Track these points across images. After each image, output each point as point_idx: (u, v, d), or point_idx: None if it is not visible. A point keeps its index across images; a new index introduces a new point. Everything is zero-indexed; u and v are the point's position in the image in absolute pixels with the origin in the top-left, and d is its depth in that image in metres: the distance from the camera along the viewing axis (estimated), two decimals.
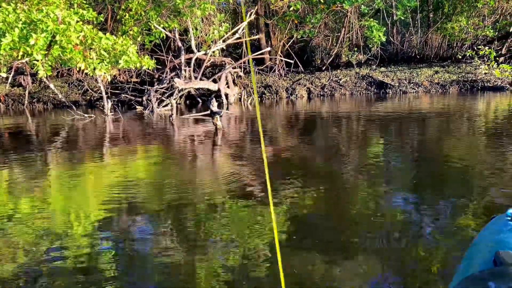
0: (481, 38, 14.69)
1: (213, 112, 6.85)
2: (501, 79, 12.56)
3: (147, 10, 10.71)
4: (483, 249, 1.15)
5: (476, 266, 1.08)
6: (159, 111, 10.03)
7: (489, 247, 1.12)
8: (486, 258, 1.07)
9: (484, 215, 3.17)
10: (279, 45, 14.64)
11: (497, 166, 4.50)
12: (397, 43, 15.30)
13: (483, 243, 1.20)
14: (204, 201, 3.70)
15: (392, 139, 6.41)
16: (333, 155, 5.43)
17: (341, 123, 8.01)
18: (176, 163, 5.22)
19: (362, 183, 4.12)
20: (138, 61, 8.46)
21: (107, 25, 12.03)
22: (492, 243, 1.14)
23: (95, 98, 11.47)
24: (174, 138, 7.14)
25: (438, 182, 4.12)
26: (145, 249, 2.79)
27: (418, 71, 13.69)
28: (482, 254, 1.12)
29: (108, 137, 7.34)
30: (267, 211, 3.34)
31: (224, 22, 12.13)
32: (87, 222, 3.28)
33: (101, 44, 7.86)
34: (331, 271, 2.43)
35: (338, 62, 14.89)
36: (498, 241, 1.14)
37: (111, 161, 5.45)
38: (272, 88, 12.76)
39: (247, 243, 2.79)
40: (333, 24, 14.99)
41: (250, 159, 5.23)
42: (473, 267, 1.08)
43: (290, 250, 2.68)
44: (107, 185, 4.33)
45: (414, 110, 9.55)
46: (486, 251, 1.11)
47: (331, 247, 2.72)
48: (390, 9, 14.61)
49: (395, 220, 3.15)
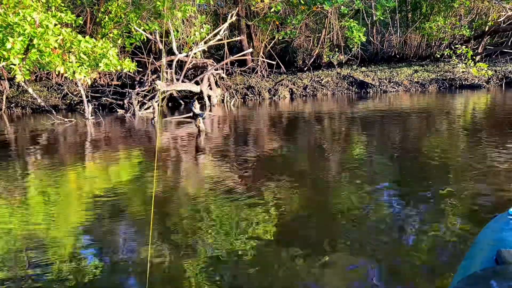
0: (458, 37, 15.00)
1: (195, 114, 6.83)
2: (478, 77, 12.85)
3: (127, 12, 10.63)
4: (484, 247, 1.16)
5: (478, 265, 1.08)
6: (141, 114, 9.95)
7: (490, 246, 1.13)
8: (488, 257, 1.08)
9: (466, 209, 3.24)
10: (261, 46, 14.67)
11: (476, 161, 4.61)
12: (377, 43, 15.51)
13: (484, 242, 1.20)
14: (187, 203, 3.69)
15: (374, 138, 6.50)
16: (317, 154, 5.47)
17: (324, 123, 8.08)
18: (158, 166, 5.18)
19: (346, 180, 4.17)
20: (119, 64, 8.38)
21: (87, 28, 11.90)
22: (493, 242, 1.15)
23: (76, 102, 11.31)
24: (156, 141, 7.09)
25: (419, 178, 4.19)
26: (128, 255, 2.77)
27: (398, 70, 13.91)
28: (483, 252, 1.13)
29: (89, 141, 7.25)
30: (252, 211, 3.35)
31: (205, 24, 12.10)
32: (68, 228, 3.24)
33: (81, 47, 7.75)
34: (315, 270, 2.45)
35: (320, 63, 15.01)
36: (499, 240, 1.15)
37: (92, 165, 5.39)
38: (254, 89, 12.78)
39: (231, 242, 2.80)
40: (314, 25, 15.11)
41: (233, 160, 5.23)
42: (475, 265, 1.09)
43: (274, 249, 2.69)
44: (89, 190, 4.28)
45: (395, 109, 9.70)
46: (488, 250, 1.12)
47: (315, 245, 2.75)
48: (369, 10, 14.80)
49: (379, 216, 3.20)
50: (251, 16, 14.37)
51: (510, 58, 14.57)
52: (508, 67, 13.74)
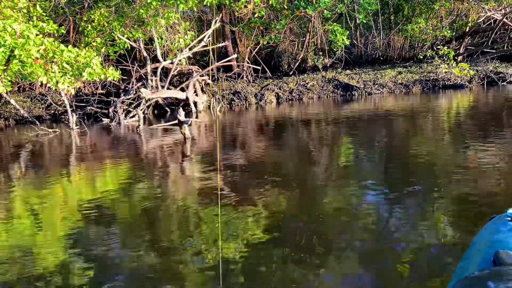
0: (440, 38, 15.23)
1: (180, 122, 6.81)
2: (460, 77, 13.06)
3: (110, 21, 10.56)
4: (482, 248, 1.16)
5: (475, 266, 1.08)
6: (126, 123, 9.88)
7: (488, 247, 1.13)
8: (486, 258, 1.08)
9: (452, 208, 3.27)
10: (246, 51, 14.71)
11: (461, 160, 4.67)
12: (361, 45, 15.66)
13: (482, 243, 1.20)
14: (174, 210, 3.67)
15: (360, 140, 6.55)
16: (305, 158, 5.49)
17: (311, 126, 8.12)
18: (144, 175, 5.15)
19: (334, 183, 4.19)
20: (103, 72, 8.32)
21: (70, 37, 11.78)
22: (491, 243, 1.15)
23: (60, 112, 11.17)
24: (142, 149, 7.05)
25: (406, 178, 4.23)
26: (116, 262, 2.74)
27: (382, 72, 14.05)
28: (481, 253, 1.13)
29: (74, 151, 7.17)
30: (239, 216, 3.35)
31: (189, 31, 12.10)
32: (55, 238, 3.19)
33: (63, 57, 7.68)
34: (306, 271, 2.45)
35: (305, 67, 15.09)
36: (497, 241, 1.15)
37: (78, 176, 5.32)
38: (241, 94, 12.79)
39: (217, 246, 2.78)
40: (298, 30, 15.21)
41: (216, 167, 5.22)
42: (473, 267, 1.09)
43: (261, 251, 2.69)
44: (75, 200, 4.23)
45: (380, 110, 9.79)
46: (486, 251, 1.11)
47: (305, 247, 2.75)
48: (352, 13, 14.96)
49: (367, 218, 3.21)
50: (236, 22, 14.40)
51: (490, 58, 14.83)
52: (489, 67, 13.98)
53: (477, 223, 2.98)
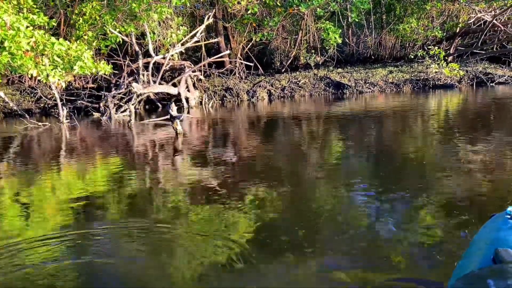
0: (430, 38, 15.37)
1: (172, 117, 6.80)
2: (450, 77, 13.21)
3: (102, 14, 10.47)
4: (482, 246, 1.16)
5: (475, 264, 1.08)
6: (117, 117, 9.82)
7: (488, 245, 1.13)
8: (486, 256, 1.08)
9: (442, 208, 3.31)
10: (238, 48, 14.69)
11: (451, 160, 4.74)
12: (353, 44, 15.74)
13: (482, 241, 1.20)
14: (164, 205, 3.67)
15: (351, 138, 6.60)
16: (296, 155, 5.52)
17: (302, 124, 8.15)
18: (135, 170, 5.14)
19: (325, 181, 4.22)
20: (94, 66, 8.26)
21: (60, 30, 11.65)
22: (491, 241, 1.15)
23: (50, 106, 11.07)
24: (133, 144, 7.02)
25: (396, 177, 4.28)
26: (105, 259, 2.74)
27: (373, 71, 14.15)
28: (481, 251, 1.13)
29: (64, 145, 7.12)
30: (231, 214, 3.36)
31: (182, 26, 12.05)
32: (43, 233, 3.18)
33: (54, 49, 7.61)
34: (295, 272, 2.48)
35: (297, 64, 15.14)
36: (497, 239, 1.15)
37: (67, 170, 5.29)
38: (233, 90, 12.79)
39: (212, 246, 2.80)
40: (290, 27, 15.23)
41: (210, 163, 5.23)
42: (473, 265, 1.09)
43: (255, 250, 2.71)
44: (64, 194, 4.20)
45: (371, 109, 9.87)
46: (486, 249, 1.12)
47: (295, 246, 2.77)
48: (345, 12, 15.01)
49: (358, 216, 3.25)
50: (228, 18, 14.37)
51: (480, 59, 15.02)
52: (478, 68, 14.16)
53: (468, 220, 3.03)
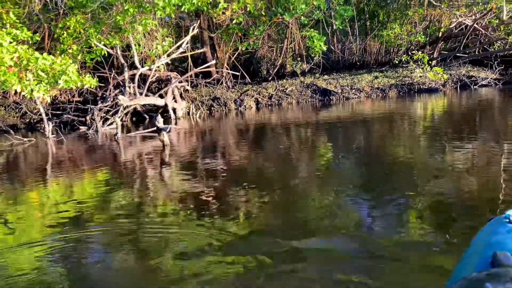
0: (414, 43, 15.60)
1: (159, 129, 6.77)
2: (434, 81, 13.40)
3: (86, 27, 10.42)
4: (480, 250, 1.16)
5: (473, 267, 1.08)
6: (104, 130, 9.75)
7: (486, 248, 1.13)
8: (484, 259, 1.07)
9: (431, 211, 3.34)
10: (224, 57, 14.73)
11: (438, 163, 4.79)
12: (338, 51, 15.89)
13: (480, 244, 1.20)
14: (152, 218, 3.64)
15: (339, 144, 6.64)
16: (285, 163, 5.53)
17: (291, 131, 8.18)
18: (123, 183, 5.10)
19: (314, 188, 4.23)
20: (79, 80, 8.21)
21: (45, 44, 11.57)
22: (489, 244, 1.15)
23: (35, 121, 10.95)
24: (121, 157, 6.97)
25: (385, 182, 4.31)
26: (92, 274, 2.71)
27: (359, 77, 14.28)
28: (479, 255, 1.13)
29: (50, 160, 7.04)
30: (220, 225, 3.35)
31: (167, 37, 12.05)
32: (29, 250, 3.13)
33: (38, 64, 7.56)
34: (286, 279, 2.47)
35: (283, 72, 15.22)
36: (495, 242, 1.15)
37: (54, 185, 5.23)
38: (220, 100, 12.80)
39: (200, 256, 2.78)
40: (276, 36, 15.33)
41: (197, 175, 5.21)
42: (471, 268, 1.09)
43: (243, 256, 2.70)
44: (52, 210, 4.15)
45: (357, 114, 9.95)
46: (484, 252, 1.11)
47: (284, 254, 2.77)
48: (329, 19, 15.16)
49: (347, 222, 3.26)
50: (214, 28, 14.43)
51: (463, 62, 15.27)
52: (461, 71, 14.40)
53: (458, 223, 3.07)
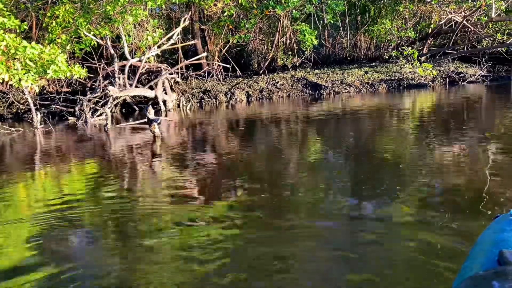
0: (404, 39, 15.71)
1: (150, 120, 6.74)
2: (424, 77, 13.53)
3: (76, 17, 10.29)
4: (486, 248, 1.15)
5: (479, 265, 1.08)
6: (93, 121, 9.67)
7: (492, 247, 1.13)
8: (490, 257, 1.07)
9: (419, 206, 3.38)
10: (215, 50, 14.68)
11: (427, 158, 4.86)
12: (329, 45, 15.94)
13: (486, 242, 1.20)
14: (142, 211, 3.64)
15: (329, 138, 6.68)
16: (275, 157, 5.55)
17: (281, 125, 8.21)
18: (112, 175, 5.08)
19: (304, 182, 4.26)
20: (68, 70, 8.11)
21: (33, 33, 11.40)
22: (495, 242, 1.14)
23: (23, 111, 10.82)
24: (110, 148, 6.93)
25: (375, 177, 4.35)
26: (81, 268, 2.71)
27: (349, 72, 14.36)
28: (485, 253, 1.12)
29: (38, 151, 6.96)
30: (210, 216, 3.37)
31: (158, 28, 11.95)
32: (16, 241, 3.11)
33: (26, 53, 7.44)
34: (274, 276, 2.50)
35: (274, 66, 15.23)
36: (501, 240, 1.14)
37: (42, 177, 5.19)
38: (211, 93, 12.77)
39: (190, 250, 2.80)
40: (267, 29, 15.31)
41: (190, 165, 5.21)
42: (477, 266, 1.08)
43: (235, 253, 2.72)
44: (39, 201, 4.12)
45: (347, 109, 10.01)
46: (490, 251, 1.11)
47: (274, 252, 2.80)
48: (320, 13, 15.19)
49: (337, 218, 3.29)
50: (205, 20, 14.35)
51: (452, 58, 15.43)
52: (450, 67, 14.55)
53: (444, 213, 3.12)
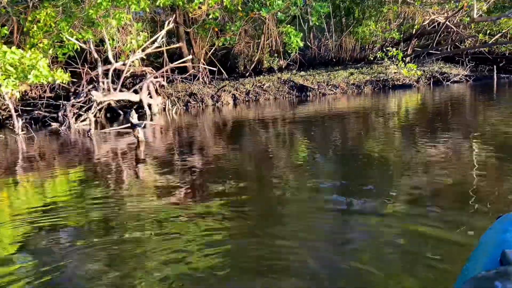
0: (389, 40, 15.85)
1: (133, 125, 6.65)
2: (408, 77, 13.65)
3: (58, 21, 10.13)
4: (489, 248, 1.15)
5: (482, 266, 1.07)
6: (77, 127, 9.52)
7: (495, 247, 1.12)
8: (492, 258, 1.06)
9: (407, 205, 3.36)
10: (201, 53, 14.61)
11: (413, 157, 4.87)
12: (315, 47, 15.99)
13: (489, 242, 1.19)
14: (127, 216, 3.57)
15: (317, 139, 6.67)
16: (262, 160, 5.51)
17: (268, 127, 8.17)
18: (96, 180, 4.98)
19: (292, 184, 4.23)
20: (50, 75, 8.00)
21: (13, 38, 11.19)
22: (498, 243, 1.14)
23: (4, 117, 10.60)
24: (94, 154, 6.81)
25: (363, 177, 4.33)
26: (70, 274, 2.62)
27: (335, 73, 14.41)
28: (488, 253, 1.11)
29: (20, 158, 6.81)
30: (198, 220, 3.31)
31: (142, 32, 11.85)
32: (4, 251, 3.01)
33: (6, 59, 7.31)
34: (264, 279, 2.46)
35: (261, 68, 15.22)
36: (504, 240, 1.13)
37: (24, 184, 5.06)
38: (197, 96, 12.69)
39: (177, 253, 2.74)
40: (253, 31, 15.30)
41: (173, 170, 5.14)
42: (479, 267, 1.07)
43: (222, 256, 2.67)
44: (22, 209, 4.01)
45: (334, 110, 10.03)
46: (492, 251, 1.10)
47: (264, 256, 2.76)
48: (305, 16, 15.24)
49: (325, 217, 3.25)
50: (190, 23, 14.27)
51: (436, 59, 15.61)
52: (434, 67, 14.71)
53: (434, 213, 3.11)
